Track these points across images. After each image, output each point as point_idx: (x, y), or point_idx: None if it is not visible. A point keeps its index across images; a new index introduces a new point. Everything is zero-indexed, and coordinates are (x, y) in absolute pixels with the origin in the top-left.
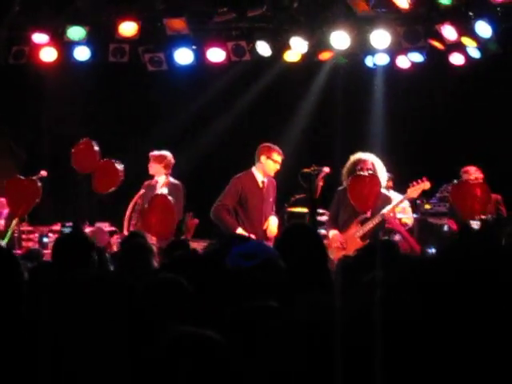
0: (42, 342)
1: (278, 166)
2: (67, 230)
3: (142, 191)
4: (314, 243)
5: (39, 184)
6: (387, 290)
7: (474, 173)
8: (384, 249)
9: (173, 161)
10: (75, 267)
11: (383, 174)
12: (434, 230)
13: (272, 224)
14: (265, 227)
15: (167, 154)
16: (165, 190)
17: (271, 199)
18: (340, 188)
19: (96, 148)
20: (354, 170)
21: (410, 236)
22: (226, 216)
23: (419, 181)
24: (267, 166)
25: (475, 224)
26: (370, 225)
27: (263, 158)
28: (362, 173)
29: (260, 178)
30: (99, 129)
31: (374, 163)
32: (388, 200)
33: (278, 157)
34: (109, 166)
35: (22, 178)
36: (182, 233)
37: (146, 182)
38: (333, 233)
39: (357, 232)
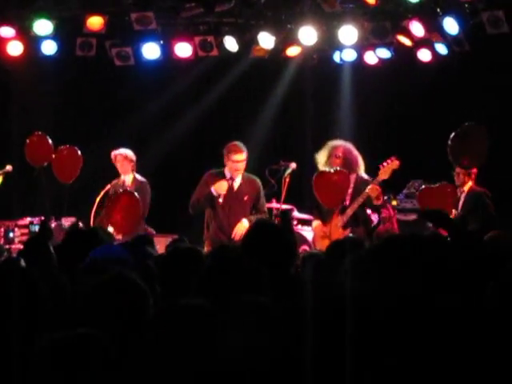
0: None
1: (239, 166)
2: (35, 227)
3: (108, 186)
4: (280, 241)
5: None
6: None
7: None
8: (351, 246)
9: (135, 158)
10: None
11: (359, 159)
12: (401, 226)
13: (239, 227)
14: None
15: (130, 152)
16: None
17: (245, 198)
18: None
19: (49, 140)
20: (328, 156)
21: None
22: (198, 201)
23: (388, 161)
24: (230, 168)
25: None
26: (349, 213)
27: (225, 160)
28: (325, 169)
29: (228, 175)
30: (66, 123)
31: (346, 152)
32: (368, 182)
33: (236, 156)
34: (67, 153)
35: None
36: None
37: (114, 181)
38: (316, 223)
39: (338, 222)
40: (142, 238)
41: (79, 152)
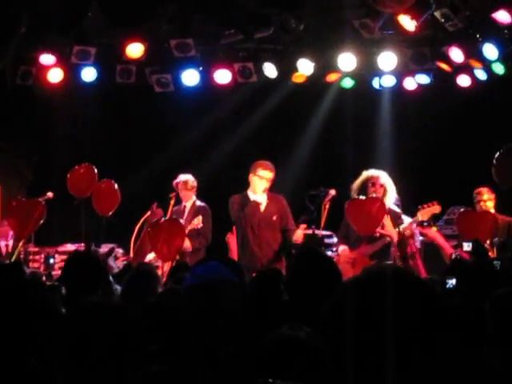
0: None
1: (265, 183)
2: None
3: (148, 214)
4: (326, 269)
5: (44, 205)
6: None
7: (486, 193)
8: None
9: (196, 182)
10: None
11: (393, 192)
12: (441, 253)
13: (297, 233)
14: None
15: (191, 177)
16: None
17: (274, 218)
18: None
19: (95, 172)
20: (365, 186)
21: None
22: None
23: (429, 204)
24: (254, 183)
25: (467, 246)
26: (379, 244)
27: (251, 176)
28: (359, 196)
29: (253, 196)
30: (106, 149)
31: (385, 180)
32: (398, 216)
33: (263, 172)
34: (106, 187)
35: (24, 199)
36: None
37: (174, 208)
38: (342, 248)
39: (366, 251)
40: (181, 265)
41: (116, 186)
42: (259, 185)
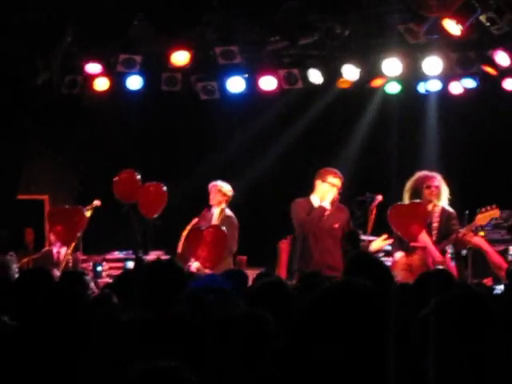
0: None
1: (335, 190)
2: (129, 263)
3: (196, 220)
4: (381, 273)
5: (86, 213)
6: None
7: None
8: (438, 279)
9: (232, 192)
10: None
11: (446, 193)
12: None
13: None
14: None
15: (227, 186)
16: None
17: (336, 226)
18: None
19: (138, 177)
20: (419, 188)
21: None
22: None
23: (488, 207)
24: (323, 190)
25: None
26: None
27: (318, 183)
28: (411, 199)
29: (317, 203)
30: (152, 157)
31: (440, 182)
32: (453, 217)
33: (333, 179)
34: (154, 190)
35: (66, 207)
36: None
37: (202, 213)
38: (399, 255)
39: (423, 255)
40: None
41: (164, 188)
42: (329, 192)
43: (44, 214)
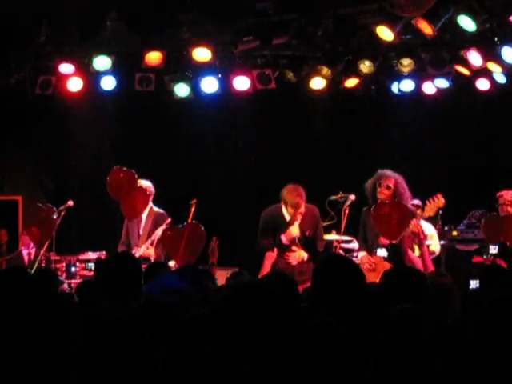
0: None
1: (299, 211)
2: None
3: (169, 219)
4: (353, 276)
5: (54, 216)
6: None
7: (509, 197)
8: (409, 278)
9: (154, 190)
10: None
11: (406, 196)
12: (462, 256)
13: (299, 254)
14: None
15: (149, 183)
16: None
17: (307, 233)
18: (364, 209)
19: (135, 177)
20: (375, 186)
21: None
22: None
23: (434, 198)
24: (288, 211)
25: (493, 249)
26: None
27: (284, 203)
28: (383, 200)
29: (288, 217)
30: (126, 158)
31: (398, 183)
32: (412, 214)
33: (292, 210)
34: (139, 192)
35: (43, 206)
36: None
37: None
38: (361, 254)
39: (382, 254)
40: (202, 272)
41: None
42: (293, 212)
43: (18, 215)
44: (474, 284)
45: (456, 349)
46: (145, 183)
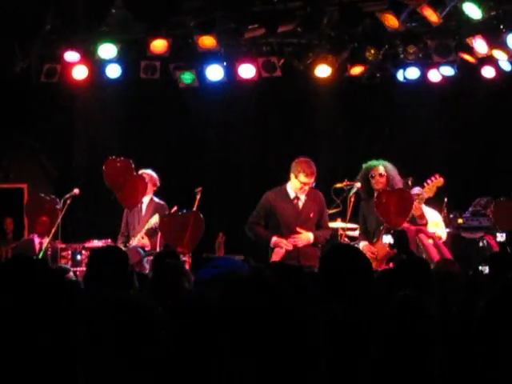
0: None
1: (306, 188)
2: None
3: (175, 208)
4: (361, 264)
5: (57, 206)
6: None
7: None
8: (415, 267)
9: (158, 182)
10: (110, 282)
11: (397, 177)
12: (468, 244)
13: (304, 236)
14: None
15: (153, 173)
16: (156, 218)
17: (311, 215)
18: (362, 202)
19: (132, 166)
20: (367, 178)
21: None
22: (257, 230)
23: (432, 178)
24: (294, 185)
25: (500, 236)
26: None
27: (292, 176)
28: (381, 189)
29: (292, 193)
30: (131, 146)
31: (386, 169)
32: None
33: (304, 178)
34: (137, 180)
35: (43, 196)
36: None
37: None
38: (363, 244)
39: (385, 241)
40: (206, 259)
41: (147, 180)
42: (300, 188)
43: (23, 203)
44: (483, 270)
45: (460, 336)
46: (149, 173)
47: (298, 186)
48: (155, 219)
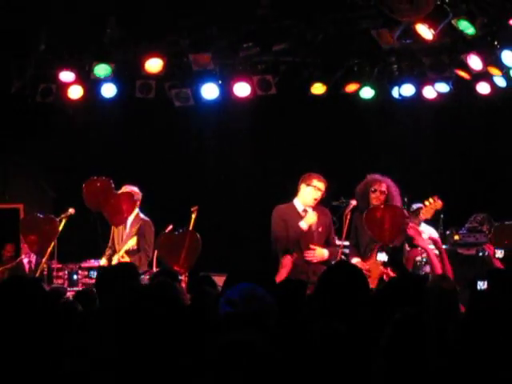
0: None
1: (319, 194)
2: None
3: (170, 226)
4: (358, 283)
5: (57, 222)
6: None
7: None
8: (412, 284)
9: (140, 196)
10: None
11: (397, 196)
12: (464, 260)
13: (319, 252)
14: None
15: (136, 189)
16: (134, 239)
17: (320, 229)
18: (356, 214)
19: (112, 185)
20: (367, 191)
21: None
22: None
23: (431, 200)
24: (307, 194)
25: (499, 253)
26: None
27: (303, 186)
28: (376, 204)
29: (301, 207)
30: (126, 165)
31: (390, 187)
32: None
33: (318, 183)
34: (123, 197)
35: (39, 215)
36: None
37: None
38: (355, 260)
39: (379, 259)
40: (203, 278)
41: (135, 197)
42: (313, 195)
43: (19, 223)
44: (481, 285)
45: (457, 354)
46: (130, 188)
47: (312, 193)
48: (133, 241)
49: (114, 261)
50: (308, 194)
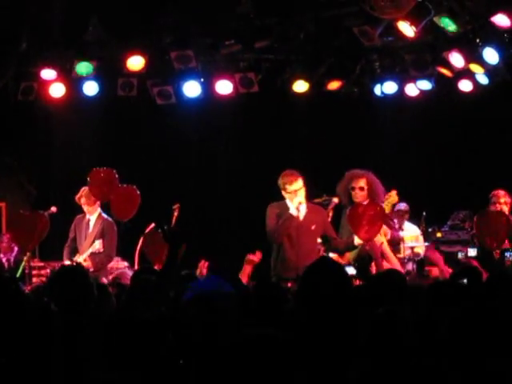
0: None
1: (300, 193)
2: None
3: (153, 224)
4: (340, 280)
5: (46, 218)
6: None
7: (502, 196)
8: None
9: None
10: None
11: (380, 189)
12: (447, 257)
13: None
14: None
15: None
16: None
17: (313, 227)
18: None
19: (116, 176)
20: (347, 188)
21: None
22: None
23: (387, 195)
24: (290, 199)
25: (472, 251)
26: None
27: (284, 193)
28: (359, 202)
29: (292, 206)
30: (108, 163)
31: (371, 182)
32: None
33: (292, 186)
34: (127, 192)
35: (27, 212)
36: None
37: (78, 216)
38: (332, 256)
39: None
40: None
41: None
42: (296, 199)
43: (2, 222)
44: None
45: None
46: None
47: (292, 198)
48: (99, 244)
49: (79, 260)
50: (291, 199)
